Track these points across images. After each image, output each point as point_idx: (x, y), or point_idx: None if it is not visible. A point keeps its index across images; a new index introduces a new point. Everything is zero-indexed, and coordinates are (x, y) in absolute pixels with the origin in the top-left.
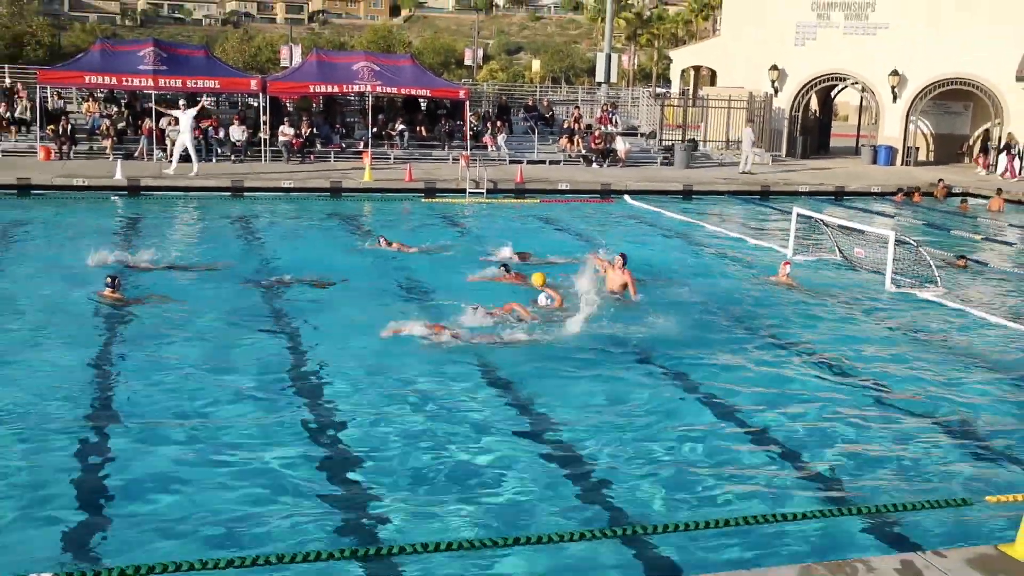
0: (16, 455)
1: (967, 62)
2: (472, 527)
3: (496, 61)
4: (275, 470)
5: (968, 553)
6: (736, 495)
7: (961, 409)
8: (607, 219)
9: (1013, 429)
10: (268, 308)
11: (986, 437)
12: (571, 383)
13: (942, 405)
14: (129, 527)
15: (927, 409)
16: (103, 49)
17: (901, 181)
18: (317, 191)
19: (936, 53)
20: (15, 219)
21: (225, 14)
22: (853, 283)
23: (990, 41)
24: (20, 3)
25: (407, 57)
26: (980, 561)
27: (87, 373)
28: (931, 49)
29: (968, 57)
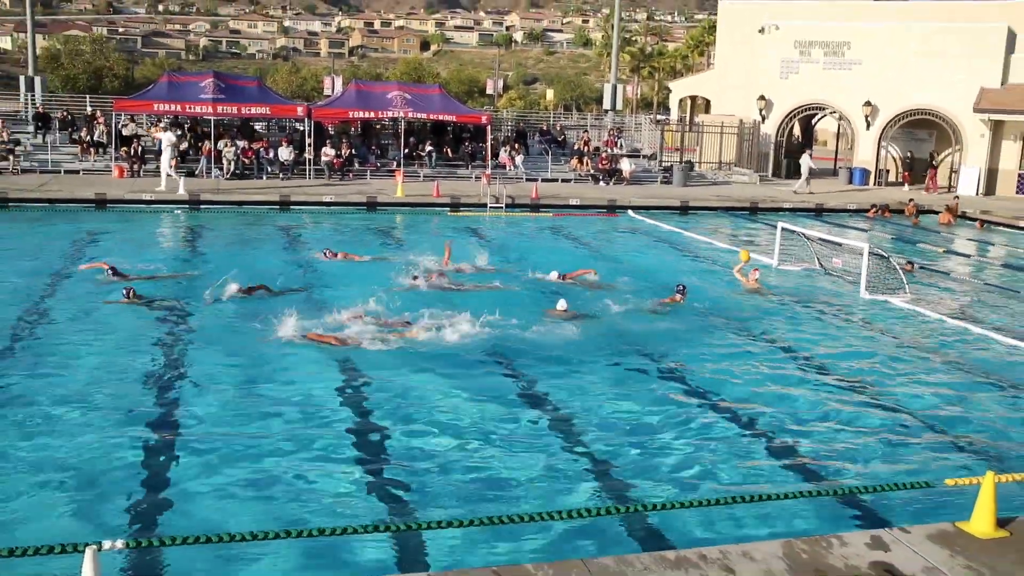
0: (90, 438)
1: (931, 95)
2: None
3: (515, 91)
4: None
5: (930, 529)
6: (723, 477)
7: (924, 400)
8: (613, 231)
9: (969, 418)
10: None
11: (946, 426)
12: (572, 377)
13: (908, 397)
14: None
15: (895, 401)
16: (170, 81)
17: (874, 199)
18: (355, 205)
19: (904, 87)
20: (93, 228)
21: (276, 49)
22: (831, 290)
23: (950, 77)
24: (101, 41)
25: (435, 87)
26: (940, 536)
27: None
28: (899, 83)
29: (931, 90)
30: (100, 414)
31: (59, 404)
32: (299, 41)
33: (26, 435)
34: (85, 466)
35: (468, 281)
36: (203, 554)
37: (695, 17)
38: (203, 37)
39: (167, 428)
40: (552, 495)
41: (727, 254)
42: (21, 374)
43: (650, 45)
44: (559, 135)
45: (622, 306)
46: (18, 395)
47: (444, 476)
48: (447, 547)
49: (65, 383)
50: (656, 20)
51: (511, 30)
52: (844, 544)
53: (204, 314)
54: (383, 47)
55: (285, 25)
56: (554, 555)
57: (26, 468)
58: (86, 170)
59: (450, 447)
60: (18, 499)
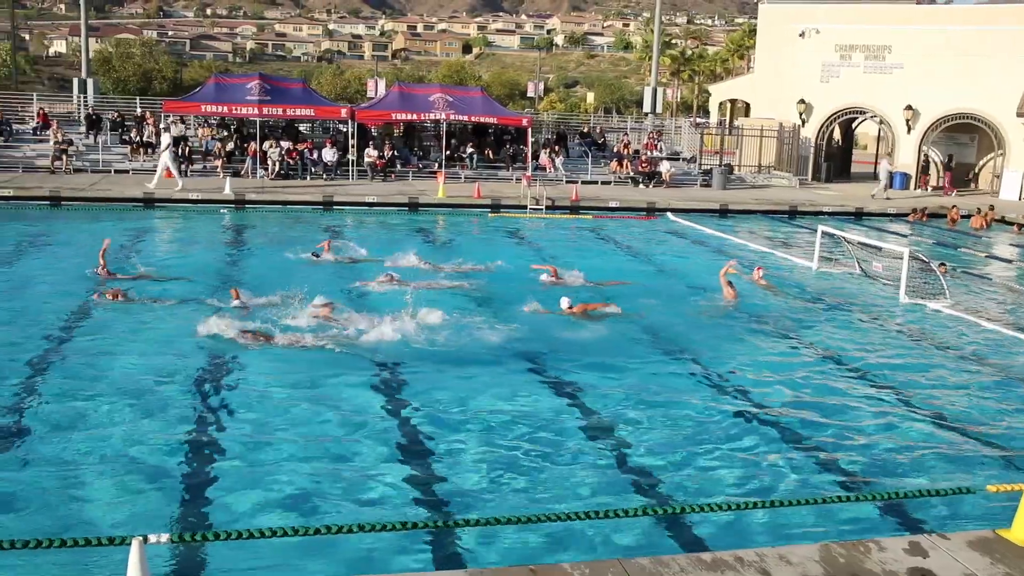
0: (142, 432)
1: (972, 99)
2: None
3: (555, 93)
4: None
5: (969, 536)
6: (760, 480)
7: (965, 405)
8: (652, 232)
9: (1010, 424)
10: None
11: (987, 431)
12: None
13: (949, 402)
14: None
15: (936, 406)
16: (217, 83)
17: (915, 204)
18: (397, 206)
19: (945, 91)
20: (143, 227)
21: (321, 52)
22: (871, 293)
23: (992, 81)
24: (151, 44)
25: (477, 89)
26: (980, 543)
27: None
28: (941, 87)
29: (973, 94)
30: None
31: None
32: (343, 44)
33: (75, 429)
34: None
35: (446, 280)
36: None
37: (735, 21)
38: (250, 40)
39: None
40: (591, 495)
41: (764, 257)
42: (58, 371)
43: (690, 49)
44: (599, 138)
45: (659, 307)
46: (57, 392)
47: (479, 475)
48: (485, 545)
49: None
50: (696, 24)
51: (552, 33)
52: (882, 549)
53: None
54: (426, 50)
55: (330, 28)
56: (591, 555)
57: (77, 461)
58: (135, 170)
59: (483, 449)
60: (65, 492)
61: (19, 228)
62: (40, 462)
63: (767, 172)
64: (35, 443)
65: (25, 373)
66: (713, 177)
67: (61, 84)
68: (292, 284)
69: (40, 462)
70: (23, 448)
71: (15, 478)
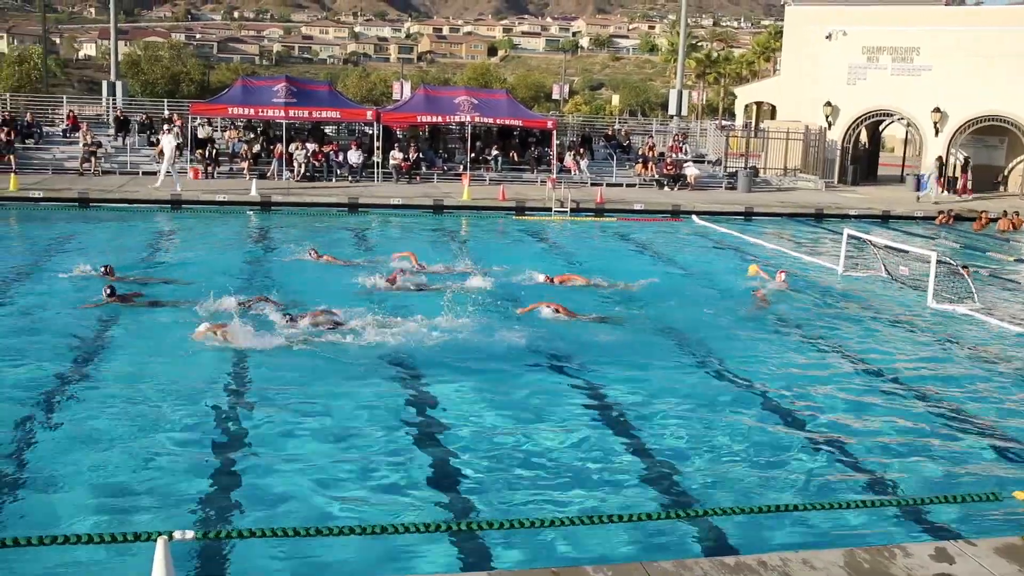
0: (172, 429)
1: (1002, 101)
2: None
3: (580, 96)
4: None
5: (996, 543)
6: (784, 484)
7: (994, 411)
8: (676, 235)
9: None
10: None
11: (1015, 437)
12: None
13: (977, 407)
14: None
15: (963, 411)
16: (244, 85)
17: (942, 207)
18: (422, 208)
19: (973, 93)
20: (171, 228)
21: (346, 54)
22: (898, 298)
23: (1022, 82)
24: (178, 47)
25: (502, 92)
26: (1007, 550)
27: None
28: (969, 89)
29: (1003, 97)
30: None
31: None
32: (369, 47)
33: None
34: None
35: (439, 282)
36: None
37: (761, 23)
38: (276, 43)
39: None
40: (614, 498)
41: (788, 261)
42: (89, 368)
43: (716, 51)
44: (624, 140)
45: (683, 310)
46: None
47: (498, 476)
48: (507, 547)
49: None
50: (722, 26)
51: (577, 36)
52: (908, 555)
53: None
54: (451, 52)
55: (356, 31)
56: (614, 558)
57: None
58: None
59: (503, 451)
60: (90, 487)
61: (51, 229)
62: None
63: (793, 175)
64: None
65: (45, 373)
66: (738, 180)
67: (90, 87)
68: (293, 286)
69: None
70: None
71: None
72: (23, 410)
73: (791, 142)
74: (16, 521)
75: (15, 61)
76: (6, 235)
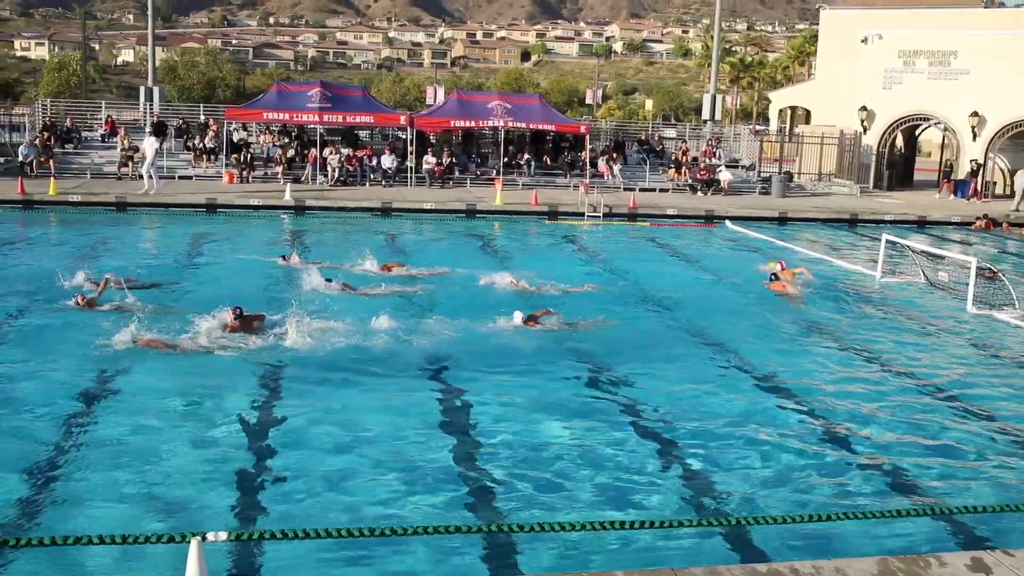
0: (202, 431)
1: None
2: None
3: (614, 100)
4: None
5: None
6: (819, 492)
7: None
8: (709, 240)
9: None
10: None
11: None
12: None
13: (1015, 415)
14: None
15: (1001, 419)
16: (279, 90)
17: (980, 212)
18: (455, 212)
19: (1012, 96)
20: (204, 231)
21: (381, 59)
22: (936, 303)
23: None
24: (215, 53)
25: (535, 97)
26: None
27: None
28: (1008, 93)
29: None
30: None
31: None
32: (403, 52)
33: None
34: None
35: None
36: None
37: (796, 27)
38: (311, 48)
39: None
40: (649, 505)
41: (826, 265)
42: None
43: (750, 55)
44: (657, 145)
45: (717, 314)
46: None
47: (534, 480)
48: (537, 552)
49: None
50: (756, 30)
51: (611, 41)
52: (943, 565)
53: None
54: (485, 57)
55: (390, 36)
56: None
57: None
58: (198, 176)
59: (539, 453)
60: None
61: (90, 231)
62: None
63: (828, 180)
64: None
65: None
66: (772, 185)
67: (128, 92)
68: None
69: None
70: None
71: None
72: (57, 419)
73: (826, 147)
74: (54, 522)
75: (55, 67)
76: (43, 237)
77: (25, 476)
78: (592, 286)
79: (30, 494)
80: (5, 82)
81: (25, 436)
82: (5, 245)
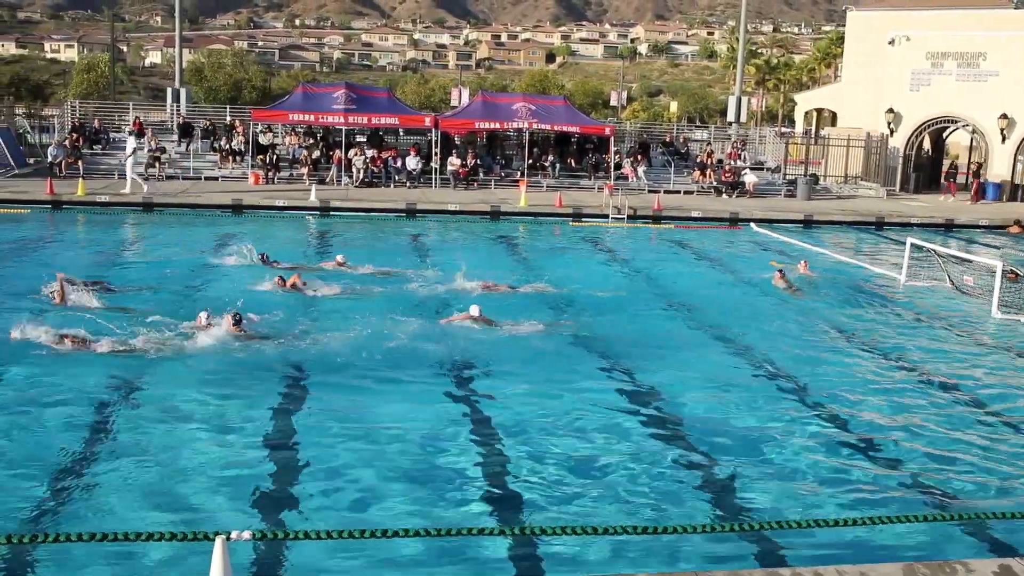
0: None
1: None
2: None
3: (638, 102)
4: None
5: None
6: (844, 497)
7: None
8: (734, 242)
9: None
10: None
11: None
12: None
13: None
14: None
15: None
16: (304, 92)
17: (1008, 216)
18: (479, 214)
19: None
20: (229, 232)
21: (406, 61)
22: (961, 308)
23: None
24: (241, 54)
25: (560, 98)
26: None
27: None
28: None
29: None
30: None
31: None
32: (428, 53)
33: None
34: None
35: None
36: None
37: (822, 29)
38: (337, 50)
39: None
40: (670, 509)
41: (851, 268)
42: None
43: (776, 57)
44: (682, 147)
45: (740, 317)
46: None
47: (556, 483)
48: (562, 555)
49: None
50: (782, 32)
51: (636, 42)
52: (969, 571)
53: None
54: (509, 59)
55: (415, 38)
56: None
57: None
58: (224, 177)
59: (560, 454)
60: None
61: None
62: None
63: (853, 183)
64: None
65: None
66: (798, 187)
67: (155, 93)
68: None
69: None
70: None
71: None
72: (85, 419)
73: (852, 149)
74: (82, 519)
75: (84, 69)
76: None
77: (49, 476)
78: (543, 286)
79: (53, 492)
80: (35, 84)
81: (48, 439)
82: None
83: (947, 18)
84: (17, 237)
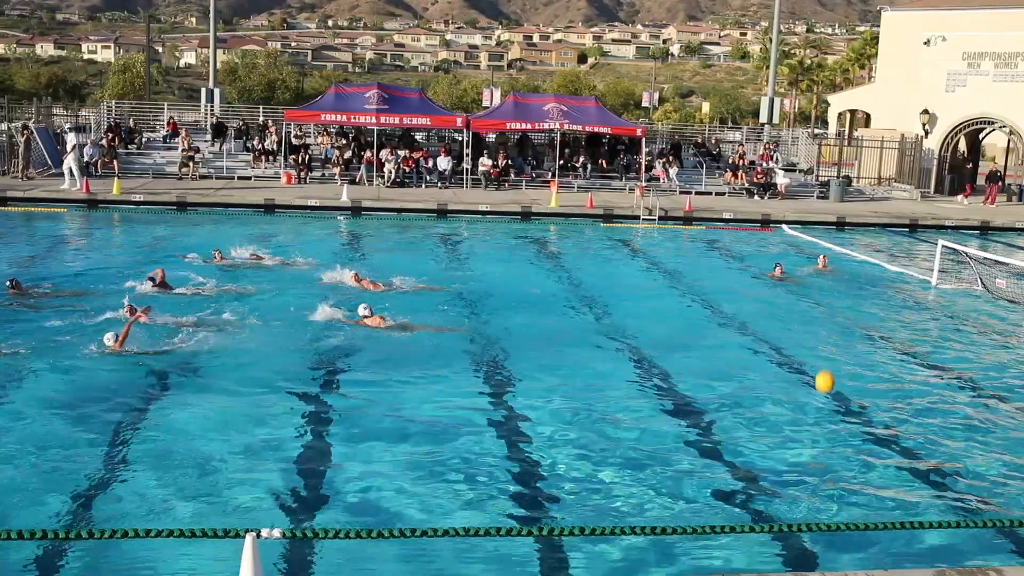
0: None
1: None
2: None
3: (670, 103)
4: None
5: None
6: (876, 502)
7: None
8: (765, 244)
9: None
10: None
11: None
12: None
13: None
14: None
15: None
16: (337, 92)
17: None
18: (510, 214)
19: None
20: (264, 232)
21: (437, 61)
22: (992, 311)
23: None
24: (274, 55)
25: (592, 99)
26: None
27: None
28: None
29: None
30: None
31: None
32: (460, 54)
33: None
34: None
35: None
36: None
37: (856, 29)
38: (369, 51)
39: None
40: (698, 511)
41: (882, 271)
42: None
43: (809, 58)
44: (714, 148)
45: (764, 319)
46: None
47: (580, 483)
48: (585, 557)
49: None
50: (816, 32)
51: (668, 43)
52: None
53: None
54: (541, 60)
55: (447, 38)
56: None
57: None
58: (257, 176)
59: (578, 455)
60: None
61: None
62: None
63: (887, 185)
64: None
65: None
66: (830, 189)
67: (190, 94)
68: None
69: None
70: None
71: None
72: (114, 416)
73: (886, 151)
74: (113, 516)
75: (120, 69)
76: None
77: (83, 476)
78: (442, 286)
79: (84, 491)
80: (73, 84)
81: (79, 435)
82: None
83: (984, 18)
84: (61, 233)
